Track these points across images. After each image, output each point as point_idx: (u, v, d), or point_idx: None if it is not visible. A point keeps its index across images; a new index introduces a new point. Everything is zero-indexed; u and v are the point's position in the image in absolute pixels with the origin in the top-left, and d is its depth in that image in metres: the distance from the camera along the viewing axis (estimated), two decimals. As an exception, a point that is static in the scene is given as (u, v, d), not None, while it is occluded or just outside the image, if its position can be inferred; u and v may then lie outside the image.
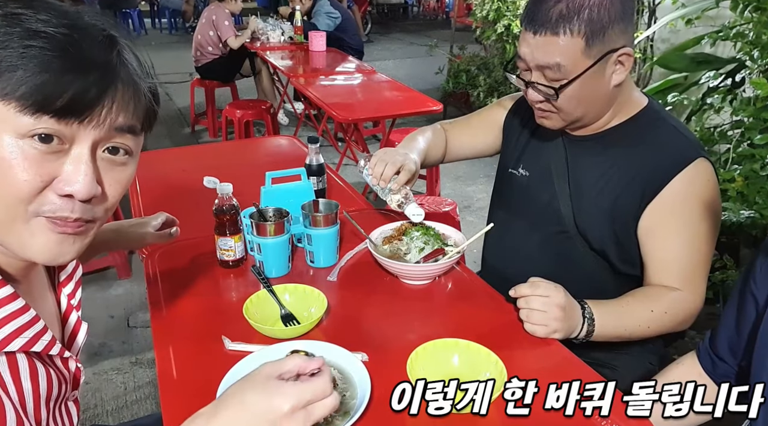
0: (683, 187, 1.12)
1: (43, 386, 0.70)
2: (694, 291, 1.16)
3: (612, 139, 1.21)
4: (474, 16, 4.76)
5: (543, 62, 1.09)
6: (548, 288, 1.06)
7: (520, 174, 1.35)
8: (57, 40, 0.59)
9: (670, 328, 1.17)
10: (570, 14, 1.04)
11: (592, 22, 1.04)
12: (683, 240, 1.15)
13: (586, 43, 1.05)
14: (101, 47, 0.62)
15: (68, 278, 0.82)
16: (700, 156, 1.13)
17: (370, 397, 0.89)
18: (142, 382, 2.23)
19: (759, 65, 2.25)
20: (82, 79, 0.60)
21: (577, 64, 1.07)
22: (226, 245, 1.28)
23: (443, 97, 5.46)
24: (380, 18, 12.71)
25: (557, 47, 1.06)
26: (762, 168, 1.97)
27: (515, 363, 0.96)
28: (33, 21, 0.59)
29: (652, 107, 1.22)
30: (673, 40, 3.37)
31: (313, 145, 1.60)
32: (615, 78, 1.12)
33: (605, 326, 1.11)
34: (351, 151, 4.05)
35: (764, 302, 0.88)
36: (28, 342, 0.66)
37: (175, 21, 11.04)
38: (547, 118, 1.19)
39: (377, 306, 1.22)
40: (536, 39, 1.08)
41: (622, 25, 1.08)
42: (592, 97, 1.14)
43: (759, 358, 0.86)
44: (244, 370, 0.94)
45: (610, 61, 1.09)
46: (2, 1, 0.60)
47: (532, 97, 1.17)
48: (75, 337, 0.82)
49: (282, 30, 5.12)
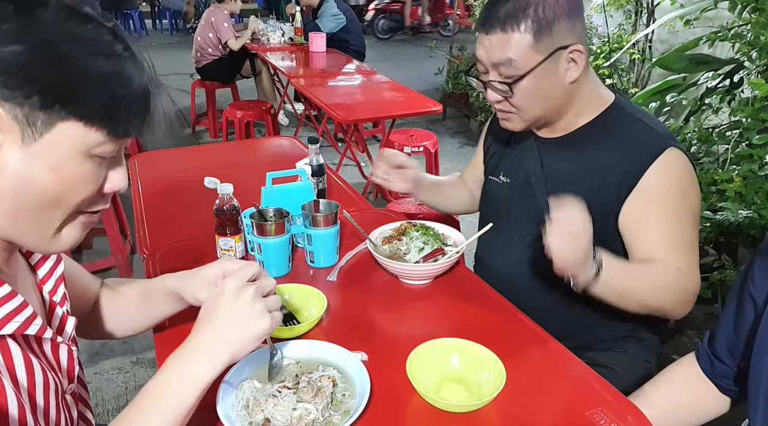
0: (657, 177, 1.13)
1: (39, 377, 0.71)
2: (690, 271, 1.15)
3: (582, 139, 1.23)
4: (474, 16, 4.77)
5: (496, 59, 1.14)
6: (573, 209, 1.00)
7: (501, 181, 1.38)
8: (128, 68, 0.66)
9: (665, 305, 1.14)
10: (516, 12, 1.10)
11: (539, 18, 1.09)
12: (666, 228, 1.14)
13: (534, 37, 1.10)
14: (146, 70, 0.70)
15: (48, 275, 0.83)
16: (670, 145, 1.14)
17: (369, 397, 0.90)
18: (143, 382, 2.22)
19: (757, 66, 2.26)
20: (146, 104, 0.68)
21: (527, 59, 1.12)
22: (226, 245, 1.28)
23: (443, 98, 5.47)
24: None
25: (507, 44, 1.12)
26: (760, 168, 1.98)
27: (514, 363, 0.97)
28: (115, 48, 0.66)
29: (618, 103, 1.24)
30: (671, 40, 3.38)
31: (313, 146, 1.60)
32: (569, 75, 1.16)
33: (613, 276, 1.06)
34: (351, 151, 4.05)
35: (763, 303, 0.88)
36: (21, 325, 0.68)
37: (176, 22, 11.04)
38: (508, 119, 1.23)
39: (377, 306, 1.22)
40: (488, 38, 1.14)
41: (569, 22, 1.12)
42: (547, 93, 1.17)
43: (757, 358, 0.86)
44: (244, 369, 0.95)
45: (562, 57, 1.13)
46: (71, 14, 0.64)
47: (491, 98, 1.21)
48: (63, 329, 0.82)
49: (282, 31, 5.13)
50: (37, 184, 0.64)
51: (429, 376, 0.96)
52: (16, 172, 0.63)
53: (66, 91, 0.62)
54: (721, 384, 1.01)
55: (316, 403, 0.87)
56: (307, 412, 0.86)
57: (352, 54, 4.91)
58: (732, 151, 2.14)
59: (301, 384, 0.90)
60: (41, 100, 0.61)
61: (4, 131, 0.61)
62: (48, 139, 0.63)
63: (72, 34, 0.63)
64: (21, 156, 0.62)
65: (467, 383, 0.96)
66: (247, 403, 0.89)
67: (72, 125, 0.63)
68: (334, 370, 0.95)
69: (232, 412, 0.87)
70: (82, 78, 0.63)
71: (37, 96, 0.61)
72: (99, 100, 0.64)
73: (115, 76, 0.65)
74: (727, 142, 2.21)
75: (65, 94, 0.62)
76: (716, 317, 1.05)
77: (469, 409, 0.91)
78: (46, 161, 0.64)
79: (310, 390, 0.89)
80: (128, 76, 0.66)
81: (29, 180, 0.64)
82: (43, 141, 0.63)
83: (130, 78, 0.66)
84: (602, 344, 1.31)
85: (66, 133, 0.63)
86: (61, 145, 0.64)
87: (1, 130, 0.61)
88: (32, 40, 0.60)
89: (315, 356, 0.99)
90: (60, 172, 0.65)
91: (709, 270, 2.15)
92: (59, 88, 0.62)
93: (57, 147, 0.63)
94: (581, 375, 1.02)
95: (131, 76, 0.66)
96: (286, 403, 0.87)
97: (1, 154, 0.62)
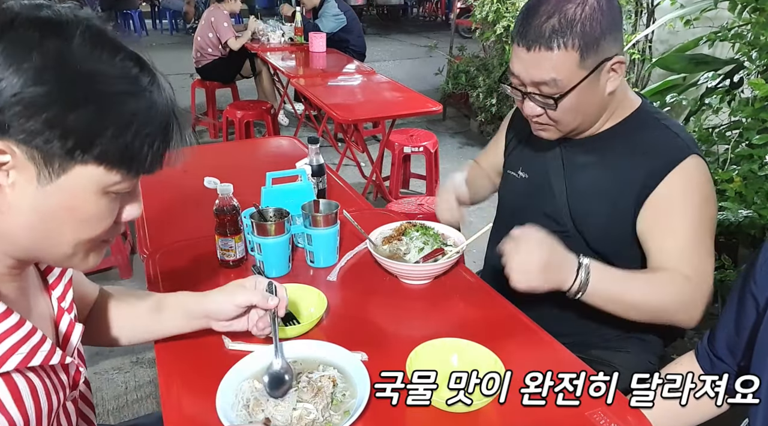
0: (676, 184, 1.13)
1: (43, 400, 0.70)
2: (699, 279, 1.13)
3: (607, 141, 1.22)
4: (473, 17, 4.77)
5: (538, 79, 1.09)
6: (528, 250, 1.04)
7: (519, 176, 1.37)
8: (152, 102, 0.64)
9: (669, 311, 1.13)
10: (563, 29, 1.04)
11: (585, 35, 1.04)
12: (680, 235, 1.14)
13: (581, 56, 1.06)
14: (169, 98, 0.68)
15: (57, 280, 0.82)
16: (693, 153, 1.14)
17: (369, 397, 0.90)
18: (142, 382, 2.24)
19: (757, 66, 2.26)
20: (168, 138, 0.66)
21: (572, 78, 1.08)
22: (226, 245, 1.28)
23: (443, 98, 5.46)
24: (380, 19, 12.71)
25: (551, 62, 1.06)
26: (760, 168, 1.98)
27: (515, 363, 0.96)
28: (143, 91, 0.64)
29: (645, 108, 1.23)
30: (671, 40, 3.38)
31: (313, 146, 1.60)
32: (609, 85, 1.13)
33: (601, 284, 1.08)
34: (351, 151, 4.05)
35: (765, 303, 0.88)
36: (25, 357, 0.66)
37: (176, 22, 11.04)
38: (544, 130, 1.20)
39: (377, 306, 1.22)
40: (530, 55, 1.07)
41: (614, 35, 1.09)
42: (587, 106, 1.15)
43: (759, 358, 0.86)
44: (243, 369, 0.95)
45: (604, 69, 1.10)
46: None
47: (529, 112, 1.17)
48: (69, 339, 0.81)
49: (282, 31, 5.13)
50: (52, 221, 0.63)
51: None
52: (31, 209, 0.62)
53: (88, 137, 0.60)
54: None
55: (316, 403, 0.87)
56: (307, 411, 0.86)
57: (353, 54, 4.91)
58: (732, 151, 2.14)
59: (301, 384, 0.90)
60: (61, 146, 0.59)
61: (19, 170, 0.59)
62: (64, 180, 0.61)
63: (97, 73, 0.60)
64: (36, 194, 0.61)
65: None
66: (247, 403, 0.89)
67: (91, 168, 0.62)
68: (334, 370, 0.95)
69: (232, 412, 0.87)
70: (105, 122, 0.60)
71: (57, 141, 0.58)
72: (121, 143, 0.62)
73: (140, 114, 0.63)
74: (727, 142, 2.21)
75: (87, 140, 0.60)
76: (716, 317, 1.04)
77: (469, 409, 0.90)
78: (61, 201, 0.62)
79: (310, 390, 0.89)
80: (152, 113, 0.64)
81: (44, 217, 0.63)
82: (59, 182, 0.61)
83: (154, 114, 0.64)
84: (606, 343, 1.31)
85: (83, 176, 0.62)
86: (78, 186, 0.62)
87: (16, 169, 0.59)
88: (55, 80, 0.57)
89: (315, 356, 0.99)
90: (75, 212, 0.64)
91: (709, 270, 2.14)
92: (81, 135, 0.60)
93: (73, 188, 0.62)
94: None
95: (155, 111, 0.64)
96: (287, 403, 0.87)
97: (15, 191, 0.60)
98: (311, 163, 1.60)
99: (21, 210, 0.61)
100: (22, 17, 0.58)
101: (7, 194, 0.61)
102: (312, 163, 1.60)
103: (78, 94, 0.59)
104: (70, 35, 0.59)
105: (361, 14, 10.33)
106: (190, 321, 1.01)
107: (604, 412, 0.91)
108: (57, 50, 0.58)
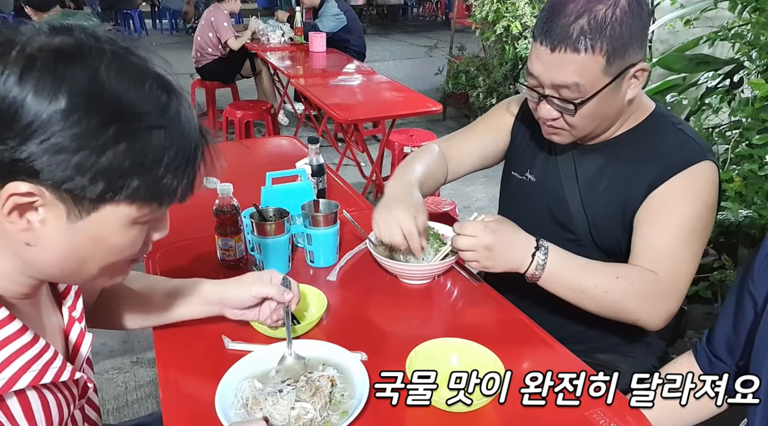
0: (682, 185, 1.10)
1: (55, 413, 0.71)
2: (671, 281, 1.08)
3: (621, 146, 1.19)
4: (474, 17, 4.77)
5: (559, 81, 1.04)
6: (475, 228, 1.06)
7: (527, 179, 1.32)
8: (181, 130, 0.63)
9: (629, 307, 1.08)
10: (592, 31, 0.98)
11: (614, 39, 0.99)
12: (668, 236, 1.10)
13: (607, 61, 1.00)
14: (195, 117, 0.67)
15: (68, 289, 0.82)
16: (707, 159, 1.11)
17: (369, 397, 0.90)
18: (142, 382, 2.24)
19: (757, 66, 2.26)
20: (197, 163, 0.66)
21: (595, 83, 1.03)
22: (226, 245, 1.28)
23: (443, 98, 5.46)
24: (380, 19, 12.71)
25: (576, 66, 1.01)
26: (760, 168, 1.98)
27: (515, 363, 0.97)
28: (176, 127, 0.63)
29: (659, 111, 1.20)
30: (671, 40, 3.38)
31: (313, 146, 1.60)
32: (630, 92, 1.09)
33: (560, 270, 1.06)
34: (351, 151, 4.05)
35: (763, 302, 0.88)
36: (37, 375, 0.67)
37: (176, 22, 11.04)
38: (557, 134, 1.16)
39: (377, 306, 1.22)
40: (553, 56, 1.01)
41: (641, 40, 1.03)
42: (606, 113, 1.10)
43: (758, 357, 0.86)
44: (243, 369, 0.95)
45: (627, 76, 1.05)
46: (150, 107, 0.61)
47: (545, 115, 1.11)
48: (78, 349, 0.82)
49: (282, 31, 5.13)
50: (81, 251, 0.64)
51: (429, 376, 0.96)
52: (61, 242, 0.62)
53: (118, 179, 0.59)
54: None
55: (314, 402, 0.87)
56: (305, 411, 0.86)
57: (353, 54, 4.91)
58: (732, 151, 2.15)
59: (300, 383, 0.90)
60: (91, 190, 0.58)
61: (49, 208, 0.59)
62: (95, 217, 0.61)
63: (127, 109, 0.58)
64: (66, 229, 0.61)
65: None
66: (246, 401, 0.89)
67: (122, 206, 0.62)
68: (333, 369, 0.95)
69: (231, 411, 0.87)
70: (135, 161, 0.59)
71: (88, 185, 0.58)
72: (152, 180, 0.61)
73: (171, 146, 0.61)
74: (728, 142, 2.21)
75: (117, 182, 0.59)
76: (716, 317, 1.04)
77: (469, 409, 0.90)
78: (91, 234, 0.63)
79: (308, 389, 0.89)
80: (182, 141, 0.62)
81: (73, 248, 0.63)
82: (89, 218, 0.61)
83: (183, 142, 0.63)
84: (613, 348, 1.30)
85: (114, 213, 0.62)
86: (107, 222, 0.62)
87: (45, 206, 0.59)
88: (84, 123, 0.55)
89: (315, 356, 0.99)
90: (105, 242, 0.64)
91: (708, 270, 2.15)
92: (111, 177, 0.58)
93: (104, 223, 0.62)
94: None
95: (184, 138, 0.63)
96: (285, 402, 0.87)
97: (45, 227, 0.61)
98: (311, 162, 1.60)
99: (51, 243, 0.62)
100: (43, 52, 0.56)
101: (36, 229, 0.60)
102: (312, 162, 1.60)
103: (108, 134, 0.57)
104: (96, 67, 0.57)
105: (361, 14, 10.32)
106: (205, 306, 1.04)
107: (604, 412, 0.91)
108: (84, 88, 0.56)
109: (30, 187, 0.57)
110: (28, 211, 0.59)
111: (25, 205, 0.58)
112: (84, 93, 0.56)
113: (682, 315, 1.31)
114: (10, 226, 0.59)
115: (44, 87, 0.55)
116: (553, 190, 1.27)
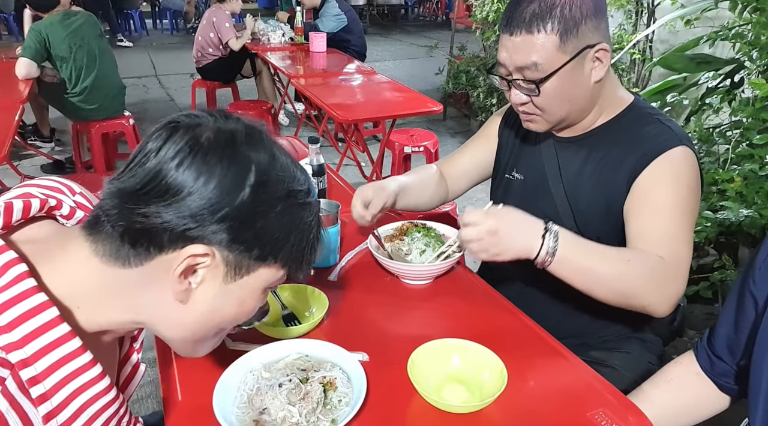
0: (662, 168, 1.12)
1: None
2: (674, 263, 1.09)
3: (599, 137, 1.23)
4: (474, 17, 4.77)
5: (521, 63, 1.11)
6: (478, 215, 1.07)
7: (515, 178, 1.36)
8: (315, 205, 0.71)
9: (642, 291, 1.08)
10: (543, 12, 1.08)
11: (565, 18, 1.07)
12: (659, 218, 1.11)
13: (560, 39, 1.08)
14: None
15: None
16: (684, 144, 1.14)
17: (369, 397, 0.90)
18: (143, 382, 2.21)
19: (758, 66, 2.26)
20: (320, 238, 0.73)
21: (553, 61, 1.09)
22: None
23: (443, 98, 5.46)
24: (380, 19, 12.71)
25: (532, 46, 1.09)
26: (761, 168, 1.98)
27: (515, 363, 0.97)
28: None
29: (638, 104, 1.24)
30: (672, 40, 3.38)
31: (314, 146, 1.60)
32: (594, 74, 1.14)
33: (572, 253, 1.06)
34: (351, 151, 4.05)
35: (764, 302, 0.88)
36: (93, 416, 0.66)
37: (177, 22, 11.03)
38: (532, 121, 1.21)
39: (378, 306, 1.22)
40: (512, 40, 1.11)
41: (595, 21, 1.10)
42: (573, 94, 1.15)
43: (758, 357, 0.86)
44: (243, 368, 0.95)
45: (588, 57, 1.11)
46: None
47: (515, 100, 1.18)
48: (130, 381, 0.83)
49: (282, 31, 5.13)
50: (220, 312, 0.68)
51: (430, 376, 0.96)
52: (208, 303, 0.66)
53: (280, 246, 0.66)
54: (720, 382, 1.01)
55: (301, 407, 0.86)
56: (291, 414, 0.86)
57: (353, 54, 4.91)
58: (733, 151, 2.14)
59: (291, 385, 0.89)
60: (259, 254, 0.65)
61: (210, 269, 0.64)
62: (246, 280, 0.66)
63: (289, 186, 0.66)
64: (218, 291, 0.66)
65: (468, 384, 0.97)
66: (251, 391, 0.89)
67: (271, 269, 0.67)
68: (340, 370, 0.94)
69: (233, 405, 0.88)
70: (293, 231, 0.67)
71: (257, 250, 0.64)
72: (301, 249, 0.69)
73: (313, 221, 0.70)
74: (728, 142, 2.21)
75: (280, 248, 0.66)
76: (716, 317, 1.04)
77: (470, 410, 0.91)
78: (237, 297, 0.67)
79: (297, 393, 0.88)
80: (317, 216, 0.71)
81: (216, 311, 0.67)
82: (241, 281, 0.66)
83: (318, 217, 0.71)
84: (606, 344, 1.31)
85: (263, 275, 0.67)
86: (254, 284, 0.68)
87: (208, 268, 0.63)
88: (266, 196, 0.63)
89: (315, 356, 0.99)
90: (243, 306, 0.69)
91: (709, 270, 2.15)
92: (276, 244, 0.66)
93: (250, 286, 0.67)
94: (583, 375, 1.02)
95: (317, 213, 0.71)
96: (282, 397, 0.87)
97: (200, 288, 0.65)
98: (311, 163, 1.60)
99: (198, 303, 0.66)
100: (231, 135, 0.64)
101: (191, 289, 0.65)
102: (312, 163, 1.60)
103: (280, 205, 0.65)
104: (271, 148, 0.66)
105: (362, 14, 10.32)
106: None
107: (604, 412, 0.92)
108: (266, 167, 0.64)
109: (205, 249, 0.62)
110: (191, 274, 0.64)
111: (192, 266, 0.63)
112: (266, 171, 0.64)
113: (677, 311, 1.32)
114: (176, 286, 0.63)
115: (233, 174, 0.62)
116: (538, 187, 1.30)
